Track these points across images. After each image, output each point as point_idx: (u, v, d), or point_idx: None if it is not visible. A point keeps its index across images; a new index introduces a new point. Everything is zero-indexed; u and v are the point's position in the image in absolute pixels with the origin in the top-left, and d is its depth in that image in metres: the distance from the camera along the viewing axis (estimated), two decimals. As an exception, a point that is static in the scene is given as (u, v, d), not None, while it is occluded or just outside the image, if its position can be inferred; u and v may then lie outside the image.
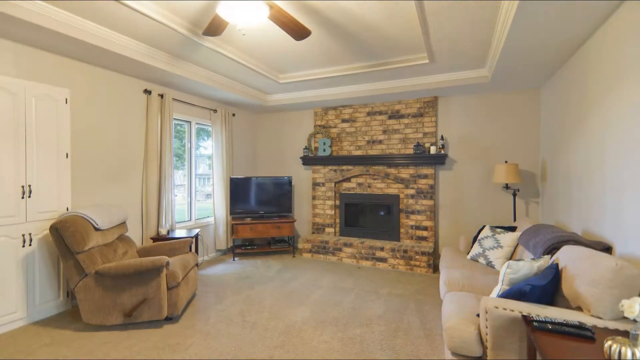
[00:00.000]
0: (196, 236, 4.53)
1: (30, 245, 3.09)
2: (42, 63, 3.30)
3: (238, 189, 5.62)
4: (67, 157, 3.36)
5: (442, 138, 4.91)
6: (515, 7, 2.42)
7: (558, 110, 3.75)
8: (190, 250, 3.89)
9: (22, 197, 3.02)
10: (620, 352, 1.40)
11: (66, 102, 3.35)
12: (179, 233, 4.49)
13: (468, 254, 3.87)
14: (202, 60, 4.04)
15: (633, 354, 1.39)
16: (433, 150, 4.90)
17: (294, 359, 2.56)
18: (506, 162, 4.42)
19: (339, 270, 4.82)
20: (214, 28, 2.81)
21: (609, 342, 1.46)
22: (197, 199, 5.44)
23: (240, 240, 6.08)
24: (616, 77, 2.43)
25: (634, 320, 1.48)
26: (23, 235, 3.03)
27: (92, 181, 3.76)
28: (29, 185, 3.07)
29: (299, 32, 2.85)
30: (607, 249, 2.36)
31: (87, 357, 2.57)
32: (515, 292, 2.02)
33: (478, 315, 2.12)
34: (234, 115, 5.94)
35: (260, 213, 5.70)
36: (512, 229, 3.72)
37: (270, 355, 2.60)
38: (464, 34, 3.24)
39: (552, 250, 2.50)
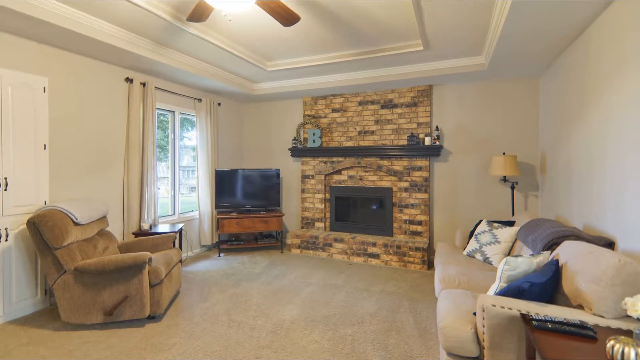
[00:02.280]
0: (180, 231, 4.46)
1: (6, 240, 3.01)
2: (19, 50, 3.22)
3: (224, 182, 5.49)
4: (45, 148, 3.28)
5: (437, 129, 4.82)
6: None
7: (558, 99, 3.68)
8: (174, 245, 3.85)
9: (-2, 190, 2.93)
10: (623, 352, 1.36)
11: (44, 91, 3.28)
12: (162, 228, 4.38)
13: (464, 249, 3.83)
14: (186, 47, 3.94)
15: (637, 354, 1.34)
16: (427, 141, 4.81)
17: (282, 360, 2.51)
18: (504, 153, 4.35)
19: (329, 267, 4.75)
20: (199, 14, 2.75)
21: (612, 342, 1.41)
22: (181, 193, 5.34)
23: (226, 235, 5.97)
24: (618, 65, 2.37)
25: (638, 319, 1.46)
26: (-1, 230, 2.95)
27: (72, 174, 3.67)
28: (5, 178, 2.98)
29: (287, 17, 2.80)
30: (610, 245, 2.32)
31: (66, 357, 2.52)
32: (514, 290, 1.98)
33: (475, 313, 2.09)
34: (219, 104, 5.82)
35: (247, 207, 5.59)
36: (510, 223, 3.68)
37: (257, 356, 2.55)
38: (460, 19, 3.15)
39: (552, 245, 2.46)
